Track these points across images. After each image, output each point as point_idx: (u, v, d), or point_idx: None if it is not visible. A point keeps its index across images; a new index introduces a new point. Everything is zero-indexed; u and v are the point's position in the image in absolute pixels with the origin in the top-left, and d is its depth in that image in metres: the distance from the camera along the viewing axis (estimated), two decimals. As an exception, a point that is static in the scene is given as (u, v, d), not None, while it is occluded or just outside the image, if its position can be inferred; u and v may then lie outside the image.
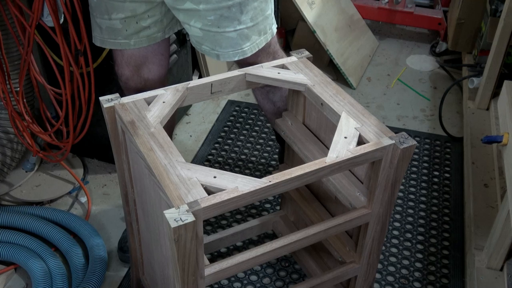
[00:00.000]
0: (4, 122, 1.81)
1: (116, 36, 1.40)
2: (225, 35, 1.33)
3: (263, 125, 2.30)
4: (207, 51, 1.38)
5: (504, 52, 2.06)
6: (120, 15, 1.36)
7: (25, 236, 1.66)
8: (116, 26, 1.37)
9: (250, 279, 1.65)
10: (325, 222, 1.22)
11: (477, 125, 2.15)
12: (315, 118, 1.41)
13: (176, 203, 0.97)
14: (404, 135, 1.15)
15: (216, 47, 1.35)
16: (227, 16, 1.30)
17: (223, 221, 1.84)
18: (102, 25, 1.40)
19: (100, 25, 1.40)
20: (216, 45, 1.35)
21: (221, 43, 1.34)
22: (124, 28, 1.38)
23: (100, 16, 1.38)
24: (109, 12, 1.36)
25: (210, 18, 1.30)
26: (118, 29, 1.38)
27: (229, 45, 1.35)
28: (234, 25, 1.32)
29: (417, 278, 1.67)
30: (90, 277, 1.55)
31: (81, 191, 1.95)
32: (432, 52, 2.89)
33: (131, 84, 1.50)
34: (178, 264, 1.00)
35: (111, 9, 1.35)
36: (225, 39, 1.34)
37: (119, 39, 1.40)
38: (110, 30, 1.39)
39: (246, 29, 1.34)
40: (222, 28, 1.32)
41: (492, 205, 1.77)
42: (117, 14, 1.35)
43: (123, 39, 1.40)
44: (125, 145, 1.23)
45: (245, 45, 1.36)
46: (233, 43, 1.35)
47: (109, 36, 1.41)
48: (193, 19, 1.32)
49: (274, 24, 1.43)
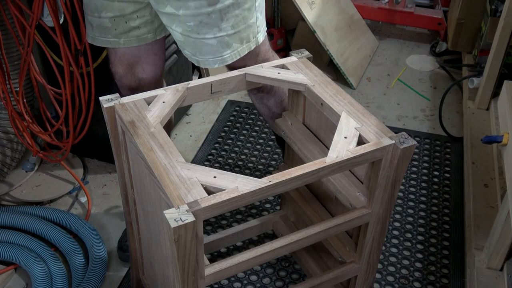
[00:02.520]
0: (4, 122, 1.81)
1: (106, 34, 1.41)
2: (204, 41, 1.31)
3: (263, 125, 2.30)
4: (189, 56, 1.39)
5: (504, 52, 2.06)
6: (109, 14, 1.36)
7: (25, 236, 1.66)
8: (105, 24, 1.38)
9: (250, 279, 1.65)
10: (325, 222, 1.22)
11: (477, 125, 2.15)
12: (315, 118, 1.41)
13: (176, 203, 0.97)
14: (404, 135, 1.15)
15: (196, 53, 1.35)
16: (207, 23, 1.28)
17: (223, 221, 1.84)
18: (93, 23, 1.41)
19: (91, 22, 1.41)
20: (196, 51, 1.34)
21: (201, 49, 1.33)
22: (114, 27, 1.38)
23: (91, 13, 1.39)
24: (99, 10, 1.36)
25: (189, 24, 1.29)
26: (107, 28, 1.39)
27: (209, 52, 1.34)
28: (214, 32, 1.30)
29: (417, 278, 1.67)
30: (90, 277, 1.55)
31: (81, 191, 1.95)
32: (432, 52, 2.89)
33: (125, 82, 1.51)
34: (178, 264, 1.00)
35: (100, 8, 1.36)
36: (204, 45, 1.32)
37: (109, 37, 1.41)
38: (100, 28, 1.40)
39: (227, 36, 1.32)
40: (202, 35, 1.30)
41: (492, 205, 1.77)
42: (106, 13, 1.36)
43: (113, 37, 1.41)
44: (125, 145, 1.23)
45: (225, 53, 1.34)
46: (213, 50, 1.33)
47: (99, 34, 1.42)
48: (174, 23, 1.32)
49: (260, 33, 1.40)
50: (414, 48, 2.96)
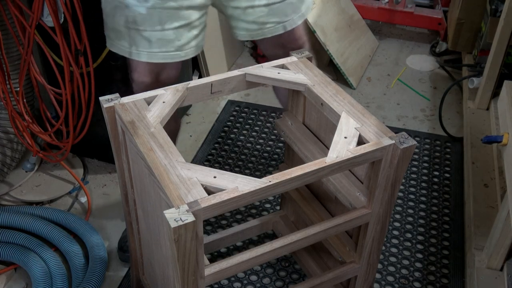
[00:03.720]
0: (4, 122, 1.81)
1: (168, 48, 1.36)
2: (287, 2, 1.40)
3: (263, 125, 2.30)
4: (272, 29, 1.42)
5: (504, 52, 2.06)
6: (174, 24, 1.33)
7: (25, 236, 1.66)
8: (168, 36, 1.34)
9: (250, 279, 1.65)
10: (325, 222, 1.22)
11: (477, 125, 2.15)
12: (315, 118, 1.41)
13: (176, 203, 0.97)
14: (404, 135, 1.15)
15: (282, 17, 1.41)
16: None
17: (223, 221, 1.84)
18: (151, 38, 1.34)
19: (149, 38, 1.34)
20: (282, 15, 1.41)
21: (286, 11, 1.41)
22: (177, 38, 1.35)
23: (151, 28, 1.33)
24: (163, 22, 1.32)
25: None
26: (170, 40, 1.35)
27: (292, 11, 1.42)
28: None
29: (417, 278, 1.67)
30: (90, 277, 1.56)
31: (81, 191, 1.95)
32: (432, 52, 2.89)
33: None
34: (178, 264, 1.00)
35: (165, 19, 1.31)
36: (288, 5, 1.41)
37: (170, 50, 1.36)
38: (161, 42, 1.35)
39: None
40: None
41: (492, 205, 1.77)
42: (171, 24, 1.32)
43: (175, 50, 1.37)
44: (125, 145, 1.23)
45: (302, 7, 1.45)
46: (294, 7, 1.42)
47: (159, 49, 1.36)
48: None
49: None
50: (414, 48, 2.96)
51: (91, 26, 1.71)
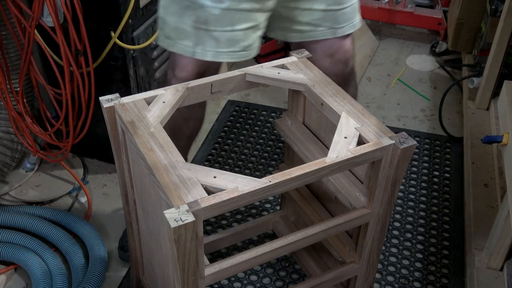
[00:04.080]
0: (4, 122, 1.81)
1: (235, 48, 1.39)
2: (342, 11, 1.46)
3: (263, 125, 2.30)
4: (322, 33, 1.46)
5: (504, 52, 2.06)
6: (243, 26, 1.36)
7: (25, 236, 1.66)
8: (237, 37, 1.37)
9: (250, 279, 1.65)
10: (325, 222, 1.22)
11: (477, 125, 2.15)
12: (315, 118, 1.41)
13: (176, 203, 0.97)
14: (404, 135, 1.15)
15: (334, 24, 1.46)
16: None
17: (223, 221, 1.84)
18: (220, 38, 1.36)
19: (218, 38, 1.36)
20: (335, 22, 1.46)
21: (339, 19, 1.46)
22: (244, 39, 1.38)
23: (221, 28, 1.35)
24: (234, 23, 1.34)
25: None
26: (238, 40, 1.37)
27: (344, 20, 1.47)
28: (352, 1, 1.47)
29: (417, 278, 1.67)
30: (90, 277, 1.55)
31: (81, 191, 1.95)
32: (432, 52, 2.89)
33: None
34: (178, 264, 1.00)
35: (237, 20, 1.34)
36: (342, 15, 1.46)
37: (237, 50, 1.39)
38: (229, 42, 1.37)
39: (356, 3, 1.49)
40: (342, 5, 1.45)
41: (492, 205, 1.77)
42: (241, 25, 1.35)
43: (240, 50, 1.40)
44: (125, 145, 1.23)
45: (355, 19, 1.50)
46: (347, 17, 1.47)
47: (227, 49, 1.38)
48: (317, 2, 1.41)
49: None
50: (414, 48, 2.96)
51: (91, 26, 1.71)
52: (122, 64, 1.79)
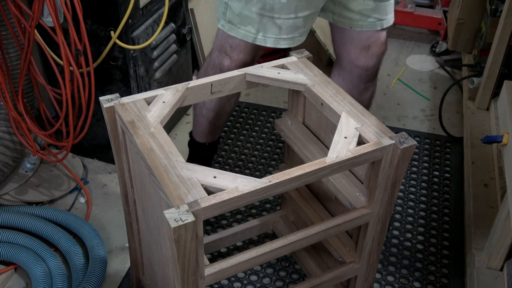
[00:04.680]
0: (4, 122, 1.81)
1: (294, 33, 1.45)
2: (389, 2, 1.50)
3: (263, 125, 2.30)
4: (371, 24, 1.49)
5: (504, 52, 2.06)
6: (306, 12, 1.41)
7: (25, 236, 1.66)
8: (298, 24, 1.43)
9: (250, 279, 1.65)
10: (325, 222, 1.22)
11: (477, 125, 2.15)
12: (315, 118, 1.41)
13: (176, 203, 0.97)
14: (404, 135, 1.15)
15: (382, 15, 1.50)
16: None
17: (223, 221, 1.84)
18: (283, 25, 1.42)
19: (281, 25, 1.42)
20: (383, 13, 1.50)
21: (386, 9, 1.50)
22: (303, 25, 1.45)
23: (286, 16, 1.40)
24: (297, 10, 1.40)
25: None
26: (298, 27, 1.44)
27: (389, 11, 1.52)
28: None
29: (417, 278, 1.67)
30: (90, 277, 1.55)
31: (81, 191, 1.95)
32: (432, 52, 2.89)
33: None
34: (178, 264, 1.00)
35: (300, 8, 1.39)
36: (389, 5, 1.51)
37: (296, 36, 1.46)
38: (291, 28, 1.43)
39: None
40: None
41: (492, 205, 1.77)
42: (303, 12, 1.41)
43: (299, 35, 1.47)
44: (125, 145, 1.23)
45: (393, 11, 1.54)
46: (391, 9, 1.53)
47: (287, 35, 1.44)
48: None
49: None
50: (414, 48, 2.96)
51: (91, 26, 1.71)
52: (122, 64, 1.79)
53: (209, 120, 1.67)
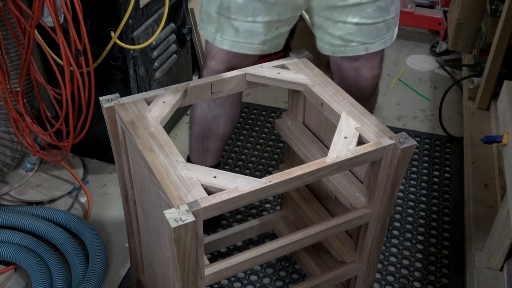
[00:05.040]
0: (4, 122, 1.81)
1: (253, 40, 1.37)
2: (376, 25, 1.38)
3: (263, 125, 2.30)
4: (354, 48, 1.40)
5: (504, 52, 2.06)
6: (266, 18, 1.34)
7: (25, 236, 1.66)
8: (257, 29, 1.35)
9: (250, 279, 1.65)
10: (325, 222, 1.22)
11: (477, 125, 2.15)
12: (315, 118, 1.41)
13: (176, 203, 0.97)
14: (404, 135, 1.15)
15: (366, 39, 1.39)
16: (382, 7, 1.35)
17: (223, 221, 1.84)
18: (240, 28, 1.35)
19: (238, 27, 1.35)
20: (367, 37, 1.39)
21: (371, 34, 1.39)
22: (264, 33, 1.36)
23: (242, 18, 1.34)
24: (256, 14, 1.33)
25: (368, 10, 1.34)
26: (257, 33, 1.36)
27: (377, 35, 1.40)
28: (385, 15, 1.37)
29: (417, 278, 1.67)
30: (90, 277, 1.55)
31: (81, 191, 1.95)
32: (432, 52, 2.89)
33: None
34: (178, 264, 1.00)
35: (258, 11, 1.32)
36: (375, 30, 1.38)
37: (254, 43, 1.37)
38: (248, 33, 1.36)
39: (391, 19, 1.40)
40: (376, 19, 1.37)
41: (492, 205, 1.77)
42: (263, 17, 1.33)
43: (258, 44, 1.38)
44: (125, 145, 1.23)
45: (387, 35, 1.42)
46: (381, 33, 1.40)
47: (244, 40, 1.37)
48: (351, 14, 1.34)
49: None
50: (414, 48, 2.96)
51: (91, 26, 1.71)
52: (122, 64, 1.79)
53: (196, 136, 1.61)
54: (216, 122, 1.55)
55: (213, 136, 1.58)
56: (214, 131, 1.56)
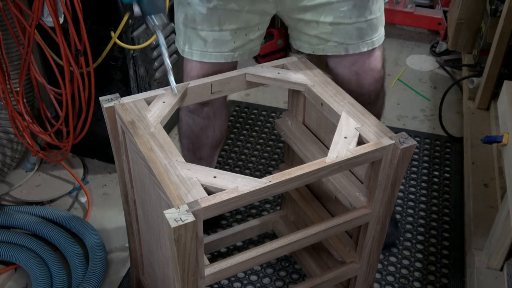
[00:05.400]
0: (4, 122, 1.81)
1: (222, 48, 1.34)
2: (356, 25, 1.31)
3: (263, 125, 2.30)
4: (332, 48, 1.34)
5: (504, 52, 2.06)
6: (232, 26, 1.31)
7: (25, 236, 1.66)
8: (225, 38, 1.33)
9: (250, 279, 1.65)
10: (325, 222, 1.22)
11: (477, 125, 2.15)
12: (315, 118, 1.41)
13: (176, 203, 0.97)
14: (404, 135, 1.15)
15: (345, 39, 1.33)
16: (360, 6, 1.29)
17: (223, 221, 1.84)
18: (207, 38, 1.33)
19: (206, 38, 1.33)
20: (346, 37, 1.32)
21: (351, 34, 1.32)
22: (233, 40, 1.33)
23: (209, 28, 1.32)
24: (221, 23, 1.30)
25: (343, 9, 1.28)
26: (226, 41, 1.33)
27: (359, 36, 1.33)
28: (366, 15, 1.31)
29: (417, 278, 1.67)
30: (90, 277, 1.55)
31: (81, 191, 1.95)
32: (432, 52, 2.89)
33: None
34: (178, 264, 1.00)
35: (224, 20, 1.30)
36: (355, 30, 1.32)
37: (224, 51, 1.35)
38: (217, 42, 1.34)
39: (376, 19, 1.33)
40: (354, 19, 1.30)
41: (492, 205, 1.77)
42: (229, 25, 1.31)
43: (229, 51, 1.35)
44: (125, 145, 1.23)
45: (373, 36, 1.35)
46: (363, 33, 1.33)
47: (213, 49, 1.35)
48: (323, 14, 1.29)
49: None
50: (414, 48, 2.96)
51: (91, 26, 1.71)
52: (122, 64, 1.79)
53: (186, 148, 1.58)
54: (204, 133, 1.53)
55: (203, 146, 1.56)
56: (204, 141, 1.54)
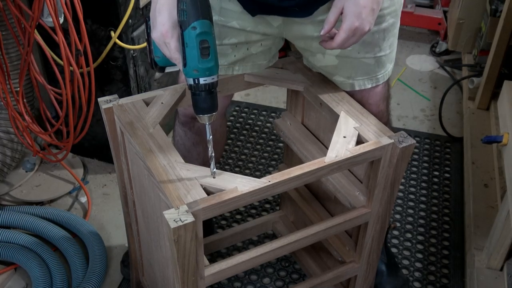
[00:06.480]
0: (4, 122, 1.81)
1: (222, 61, 1.30)
2: (363, 61, 1.26)
3: (263, 125, 2.30)
4: (340, 82, 1.30)
5: (504, 52, 2.06)
6: (232, 40, 1.28)
7: (25, 236, 1.66)
8: (225, 51, 1.29)
9: (250, 279, 1.65)
10: (325, 222, 1.22)
11: (477, 125, 2.15)
12: (314, 118, 1.41)
13: (175, 204, 0.97)
14: (403, 134, 1.15)
15: (352, 75, 1.28)
16: (369, 42, 1.23)
17: (223, 221, 1.84)
18: None
19: None
20: (352, 72, 1.28)
21: (358, 70, 1.28)
22: (233, 54, 1.30)
23: None
24: (221, 37, 1.27)
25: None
26: (226, 54, 1.30)
27: (365, 72, 1.28)
28: (375, 52, 1.26)
29: (417, 278, 1.67)
30: (90, 277, 1.56)
31: (81, 191, 1.95)
32: (432, 52, 2.89)
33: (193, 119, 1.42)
34: (178, 265, 1.00)
35: (224, 34, 1.27)
36: (362, 65, 1.27)
37: (224, 64, 1.31)
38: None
39: (384, 56, 1.29)
40: (362, 54, 1.25)
41: (492, 205, 1.77)
42: (229, 40, 1.28)
43: (228, 64, 1.32)
44: (124, 146, 1.23)
45: (379, 72, 1.30)
46: (369, 70, 1.28)
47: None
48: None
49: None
50: (414, 48, 2.96)
51: (91, 26, 1.71)
52: (122, 64, 1.79)
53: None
54: (195, 149, 1.50)
55: (194, 161, 1.50)
56: (195, 157, 1.51)
